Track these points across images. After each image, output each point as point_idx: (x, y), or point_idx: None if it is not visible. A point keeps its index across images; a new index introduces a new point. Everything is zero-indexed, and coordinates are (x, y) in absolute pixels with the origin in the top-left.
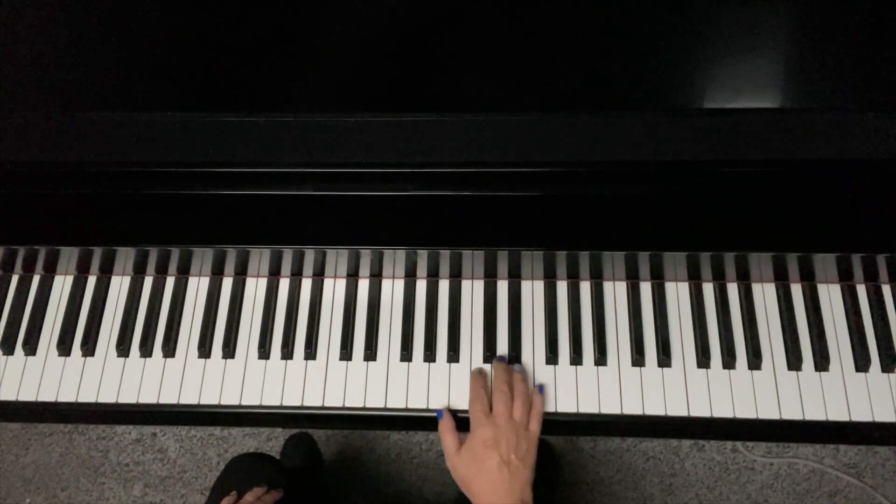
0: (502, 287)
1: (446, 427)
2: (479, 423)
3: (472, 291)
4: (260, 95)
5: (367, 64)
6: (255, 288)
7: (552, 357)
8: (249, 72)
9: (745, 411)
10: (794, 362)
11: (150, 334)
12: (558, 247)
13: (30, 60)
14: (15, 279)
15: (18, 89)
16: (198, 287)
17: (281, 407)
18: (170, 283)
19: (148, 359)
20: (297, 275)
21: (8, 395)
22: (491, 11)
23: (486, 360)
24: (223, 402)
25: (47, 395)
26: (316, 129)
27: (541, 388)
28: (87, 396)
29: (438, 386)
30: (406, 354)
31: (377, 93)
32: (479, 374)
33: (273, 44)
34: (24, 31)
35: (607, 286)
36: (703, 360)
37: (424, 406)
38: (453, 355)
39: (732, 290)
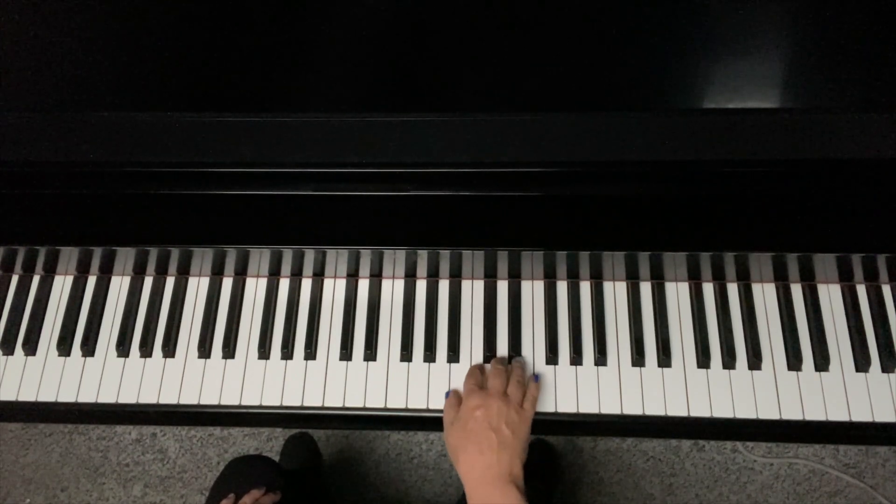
0: (502, 287)
1: (449, 403)
2: (470, 392)
3: (472, 291)
4: (260, 95)
5: (367, 64)
6: (255, 288)
7: (552, 357)
8: (249, 72)
9: (745, 411)
10: (794, 362)
11: (150, 334)
12: (558, 247)
13: (30, 60)
14: (15, 279)
15: (18, 89)
16: (198, 287)
17: (281, 407)
18: (170, 283)
19: (148, 359)
20: (297, 275)
21: (8, 395)
22: (491, 11)
23: (486, 360)
24: (223, 403)
25: (47, 395)
26: (316, 129)
27: (536, 377)
28: (87, 396)
29: (438, 386)
30: (406, 354)
31: (377, 93)
32: (478, 363)
33: (273, 44)
34: (25, 31)
35: (607, 286)
36: (703, 360)
37: (424, 406)
38: (453, 355)
39: (732, 290)
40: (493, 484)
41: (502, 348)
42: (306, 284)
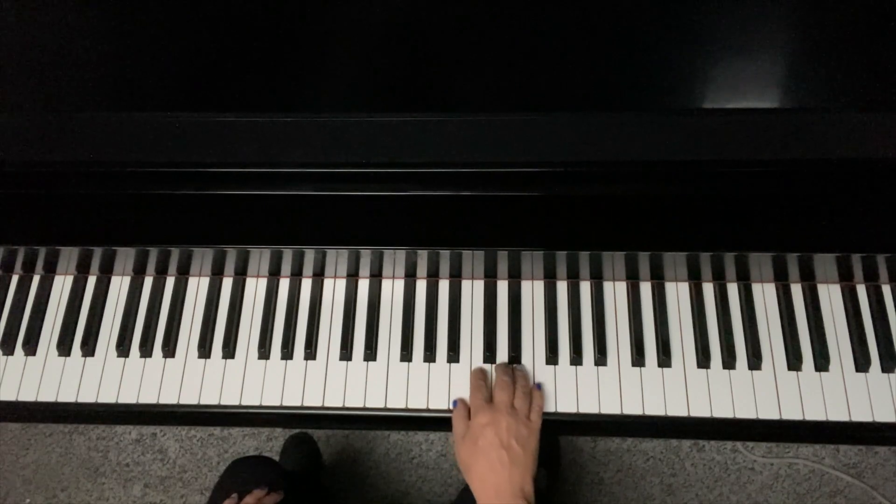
0: (502, 287)
1: (458, 414)
2: (479, 408)
3: (472, 291)
4: (260, 95)
5: (368, 64)
6: (255, 288)
7: (552, 357)
8: (250, 72)
9: (745, 411)
10: (794, 362)
11: (150, 334)
12: (558, 247)
13: (29, 60)
14: (15, 279)
15: (18, 89)
16: (198, 287)
17: (281, 407)
18: (170, 283)
19: (148, 359)
20: (297, 275)
21: (8, 395)
22: (491, 12)
23: (486, 359)
24: (223, 403)
25: (47, 395)
26: (316, 129)
27: (539, 386)
28: (87, 396)
29: (438, 386)
30: (406, 354)
31: (377, 93)
32: (480, 370)
33: (273, 44)
34: (24, 31)
35: (607, 286)
36: (703, 360)
37: (424, 406)
38: (453, 355)
39: (732, 290)
40: (504, 501)
41: (502, 348)
42: (306, 284)
